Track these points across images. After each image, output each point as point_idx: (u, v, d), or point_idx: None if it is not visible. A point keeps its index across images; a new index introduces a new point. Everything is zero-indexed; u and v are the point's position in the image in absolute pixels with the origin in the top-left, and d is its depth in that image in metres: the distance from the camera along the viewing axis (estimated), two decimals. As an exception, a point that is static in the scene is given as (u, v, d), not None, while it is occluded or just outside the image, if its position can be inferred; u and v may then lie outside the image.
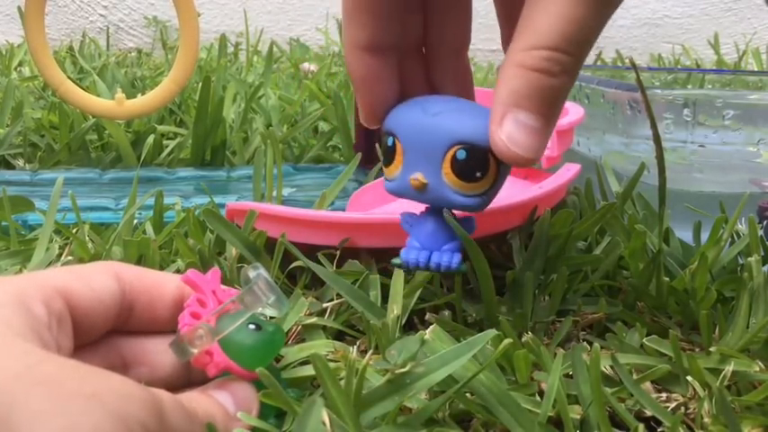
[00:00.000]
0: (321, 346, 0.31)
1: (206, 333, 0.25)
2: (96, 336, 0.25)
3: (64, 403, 0.18)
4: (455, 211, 0.31)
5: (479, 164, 0.28)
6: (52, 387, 0.18)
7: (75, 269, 0.25)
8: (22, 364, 0.19)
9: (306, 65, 1.20)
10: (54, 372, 0.19)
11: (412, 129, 0.29)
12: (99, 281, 0.25)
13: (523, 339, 0.29)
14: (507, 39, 0.32)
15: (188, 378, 0.27)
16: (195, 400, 0.23)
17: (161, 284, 0.27)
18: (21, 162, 0.64)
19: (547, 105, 0.26)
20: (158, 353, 0.26)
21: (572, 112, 0.50)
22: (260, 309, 0.26)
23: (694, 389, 0.28)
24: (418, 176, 0.29)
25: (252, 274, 0.26)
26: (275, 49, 1.12)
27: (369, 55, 0.30)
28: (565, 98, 0.27)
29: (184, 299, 0.27)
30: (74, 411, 0.18)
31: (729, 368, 0.27)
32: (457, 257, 0.30)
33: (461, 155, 0.28)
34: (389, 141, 0.30)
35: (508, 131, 0.26)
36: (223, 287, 0.27)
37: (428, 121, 0.29)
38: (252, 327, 0.26)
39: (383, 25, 0.29)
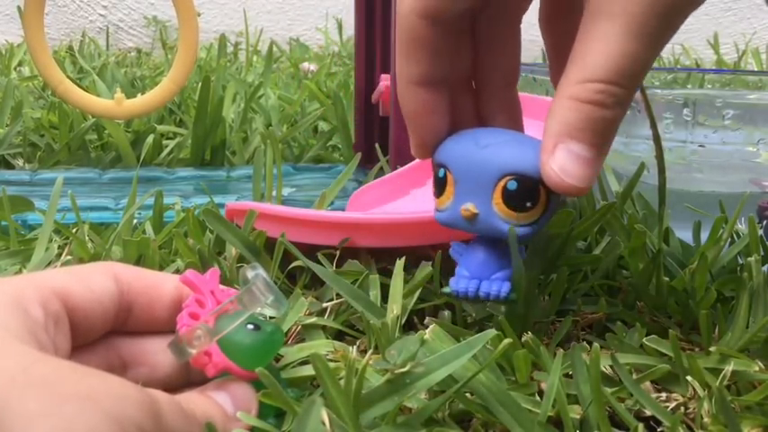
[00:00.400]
0: (321, 345, 0.31)
1: (204, 334, 0.25)
2: (95, 336, 0.25)
3: (59, 404, 0.18)
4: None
5: (530, 194, 0.28)
6: (47, 388, 0.18)
7: (73, 270, 0.25)
8: (17, 366, 0.19)
9: (305, 64, 1.20)
10: (49, 373, 0.19)
11: (463, 160, 0.29)
12: (97, 282, 0.25)
13: (523, 339, 0.29)
14: (557, 72, 0.32)
15: (187, 378, 0.27)
16: (193, 401, 0.23)
17: (159, 285, 0.27)
18: (20, 162, 0.64)
19: (599, 136, 0.27)
20: (157, 353, 0.26)
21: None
22: (259, 309, 0.26)
23: (694, 389, 0.28)
24: (469, 207, 0.29)
25: (250, 274, 0.26)
26: (275, 48, 1.12)
27: (422, 89, 0.30)
28: (617, 129, 0.27)
29: (183, 299, 0.27)
30: (69, 412, 0.18)
31: (729, 368, 0.27)
32: (506, 286, 0.30)
33: (512, 185, 0.28)
34: (441, 173, 0.30)
35: (560, 162, 0.27)
36: (222, 287, 0.27)
37: (479, 152, 0.29)
38: (250, 327, 0.25)
39: (436, 61, 0.30)
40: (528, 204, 0.29)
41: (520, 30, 0.33)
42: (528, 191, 0.28)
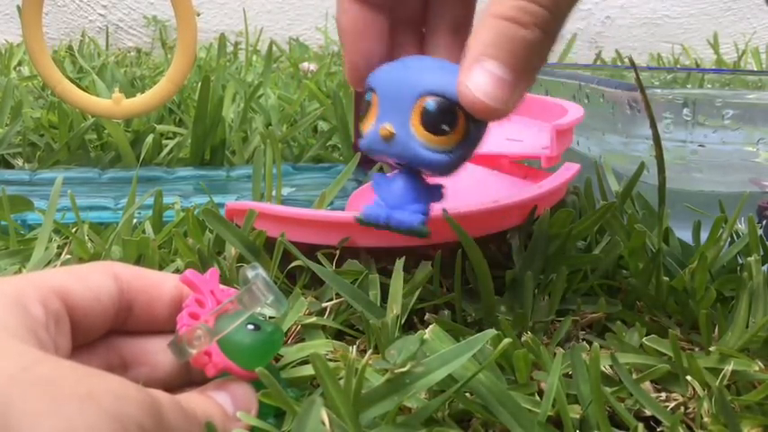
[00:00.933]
0: (320, 345, 0.31)
1: (204, 334, 0.24)
2: (95, 336, 0.25)
3: (59, 404, 0.18)
4: (427, 179, 0.30)
5: (447, 116, 0.27)
6: (48, 388, 0.18)
7: (72, 269, 0.25)
8: (17, 366, 0.19)
9: (305, 64, 1.20)
10: (49, 373, 0.19)
11: (388, 80, 0.29)
12: (97, 280, 0.25)
13: (523, 339, 0.29)
14: None
15: (188, 378, 0.27)
16: (193, 400, 0.23)
17: (159, 284, 0.27)
18: (20, 161, 0.64)
19: (516, 57, 0.26)
20: (157, 353, 0.26)
21: (572, 111, 0.50)
22: (258, 309, 0.26)
23: (694, 388, 0.28)
24: (387, 126, 0.28)
25: (250, 273, 0.26)
26: (275, 48, 1.12)
27: (358, 7, 0.30)
28: (540, 56, 0.26)
29: (183, 299, 0.27)
30: (69, 412, 0.18)
31: (729, 368, 0.27)
32: (418, 217, 0.29)
33: (430, 105, 0.27)
34: (368, 96, 0.30)
35: (474, 79, 0.26)
36: (222, 287, 0.27)
37: (403, 73, 0.29)
38: (250, 327, 0.25)
39: None
40: (445, 127, 0.28)
41: None
42: (445, 112, 0.27)
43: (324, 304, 0.35)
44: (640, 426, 0.24)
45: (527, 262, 0.35)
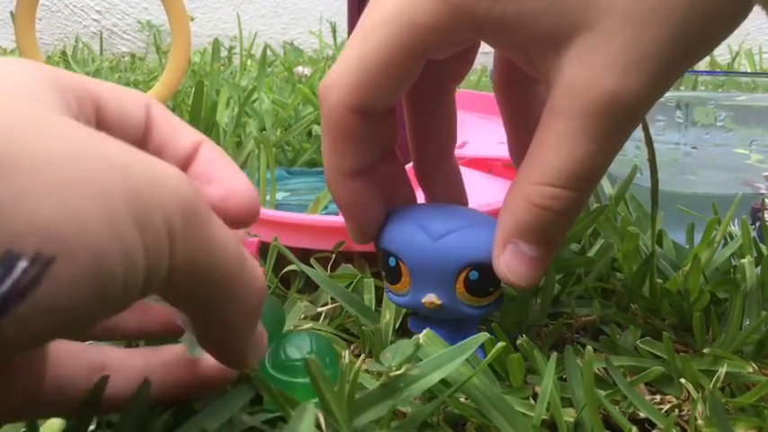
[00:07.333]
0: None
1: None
2: None
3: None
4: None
5: (491, 280, 0.29)
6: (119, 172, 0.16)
7: (109, 85, 0.23)
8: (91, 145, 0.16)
9: (300, 68, 1.21)
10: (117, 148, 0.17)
11: (417, 253, 0.29)
12: (131, 107, 0.22)
13: (517, 342, 0.29)
14: (513, 141, 0.33)
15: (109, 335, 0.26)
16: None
17: (178, 137, 0.24)
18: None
19: (548, 237, 0.27)
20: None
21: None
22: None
23: (688, 391, 0.28)
24: (432, 299, 0.29)
25: None
26: (269, 52, 1.12)
27: (353, 180, 0.29)
28: (570, 226, 0.28)
29: (193, 163, 0.24)
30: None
31: (723, 370, 0.27)
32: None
33: (474, 275, 0.28)
34: (392, 262, 0.30)
35: (508, 260, 0.27)
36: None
37: (434, 245, 0.29)
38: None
39: (366, 150, 0.29)
40: (491, 289, 0.29)
41: (453, 100, 0.32)
42: (489, 278, 0.28)
43: (318, 309, 0.35)
44: (634, 428, 0.24)
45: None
